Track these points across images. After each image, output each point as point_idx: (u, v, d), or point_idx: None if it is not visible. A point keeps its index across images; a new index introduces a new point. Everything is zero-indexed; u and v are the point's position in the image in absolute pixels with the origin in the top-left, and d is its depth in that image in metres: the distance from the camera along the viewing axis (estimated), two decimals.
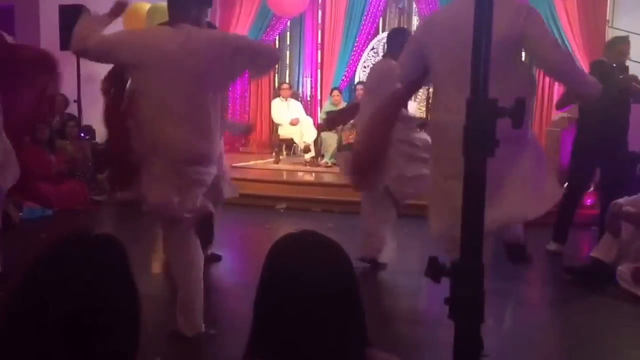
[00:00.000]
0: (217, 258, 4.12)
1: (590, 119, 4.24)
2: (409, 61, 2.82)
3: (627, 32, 5.44)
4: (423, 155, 3.55)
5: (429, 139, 3.07)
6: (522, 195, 2.48)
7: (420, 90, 8.02)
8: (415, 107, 7.67)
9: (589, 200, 5.56)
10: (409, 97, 3.78)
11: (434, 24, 2.72)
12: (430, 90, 7.95)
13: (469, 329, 1.12)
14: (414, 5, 8.32)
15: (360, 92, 7.54)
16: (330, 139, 7.54)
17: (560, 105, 4.54)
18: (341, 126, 7.55)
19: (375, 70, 4.19)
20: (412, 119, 4.13)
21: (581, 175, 4.41)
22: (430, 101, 5.31)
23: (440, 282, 1.15)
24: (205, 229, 3.54)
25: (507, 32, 2.34)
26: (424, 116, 6.74)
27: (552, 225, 4.43)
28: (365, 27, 8.28)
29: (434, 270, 1.16)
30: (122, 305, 1.05)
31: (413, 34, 4.32)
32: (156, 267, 4.35)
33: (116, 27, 7.69)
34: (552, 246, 4.42)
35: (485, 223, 1.09)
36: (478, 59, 1.04)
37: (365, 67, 8.27)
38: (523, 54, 2.84)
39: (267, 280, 1.12)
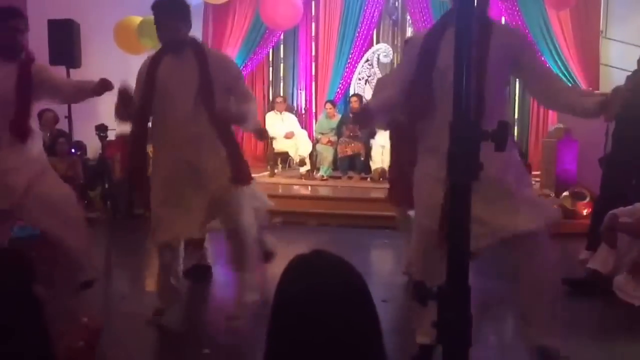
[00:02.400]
0: (205, 269, 4.10)
1: (626, 131, 4.20)
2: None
3: (621, 42, 5.50)
4: None
5: None
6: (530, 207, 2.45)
7: None
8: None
9: (585, 210, 5.56)
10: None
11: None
12: None
13: (457, 352, 1.10)
14: (408, 17, 8.36)
15: (355, 104, 7.58)
16: (326, 151, 7.54)
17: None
18: (336, 138, 7.57)
19: None
20: None
21: (616, 187, 4.35)
22: None
23: (427, 306, 1.14)
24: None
25: (503, 54, 2.37)
26: None
27: (586, 234, 4.48)
28: (359, 39, 8.30)
29: (421, 294, 1.15)
30: (21, 319, 1.02)
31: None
32: (150, 284, 4.31)
33: (108, 40, 7.68)
34: (584, 255, 4.41)
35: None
36: (460, 81, 1.03)
37: (359, 79, 8.29)
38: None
39: (281, 305, 1.08)
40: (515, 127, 7.99)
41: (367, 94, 8.20)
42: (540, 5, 7.09)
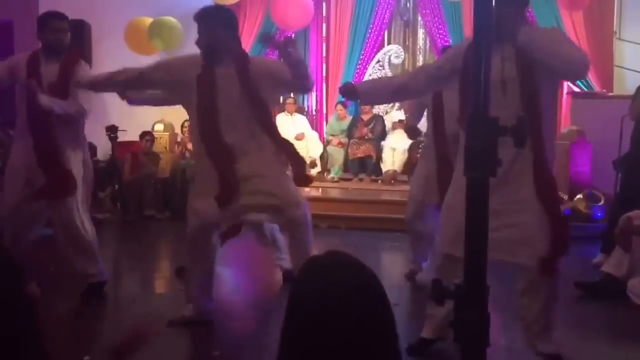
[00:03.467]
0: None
1: None
2: None
3: (635, 43, 5.44)
4: None
5: None
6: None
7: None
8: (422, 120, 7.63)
9: (599, 213, 5.49)
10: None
11: None
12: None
13: (474, 352, 1.08)
14: (419, 18, 8.33)
15: (366, 105, 7.54)
16: (337, 153, 7.52)
17: None
18: (347, 140, 7.54)
19: None
20: None
21: (635, 188, 4.28)
22: None
23: (444, 305, 1.12)
24: None
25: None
26: None
27: (600, 236, 4.42)
28: (370, 39, 8.28)
29: (438, 293, 1.13)
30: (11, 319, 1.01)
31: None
32: (159, 286, 4.31)
33: (119, 41, 7.73)
34: (599, 258, 4.35)
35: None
36: (478, 74, 1.01)
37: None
38: None
39: (296, 306, 1.06)
40: None
41: None
42: (553, 6, 7.02)
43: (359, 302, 1.03)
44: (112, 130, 6.04)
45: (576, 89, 7.23)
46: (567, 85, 7.35)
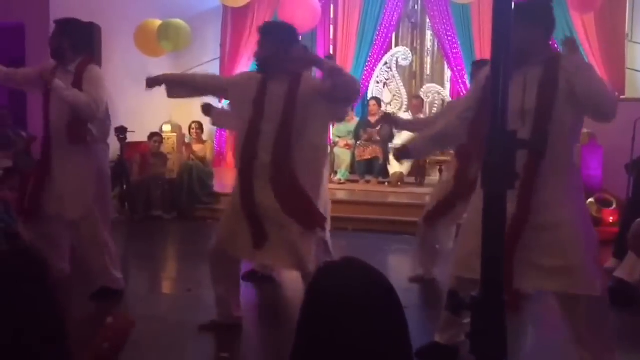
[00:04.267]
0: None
1: None
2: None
3: None
4: None
5: None
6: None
7: (436, 104, 8.01)
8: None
9: (611, 218, 5.45)
10: None
11: None
12: (446, 104, 7.91)
13: None
14: (427, 20, 8.31)
15: (374, 107, 7.54)
16: (344, 155, 7.51)
17: None
18: (354, 142, 7.53)
19: None
20: None
21: None
22: None
23: (460, 315, 1.12)
24: None
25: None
26: None
27: (612, 242, 4.35)
28: (378, 41, 8.27)
29: (454, 304, 1.12)
30: (41, 322, 1.02)
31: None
32: (166, 287, 4.33)
33: (129, 43, 7.79)
34: (611, 263, 4.33)
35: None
36: (496, 89, 1.00)
37: (378, 82, 8.25)
38: None
39: (310, 309, 1.08)
40: None
41: (385, 97, 8.17)
42: (564, 8, 6.94)
43: (372, 305, 1.04)
44: (121, 131, 6.06)
45: None
46: None
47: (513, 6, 1.03)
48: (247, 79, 3.04)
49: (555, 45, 4.92)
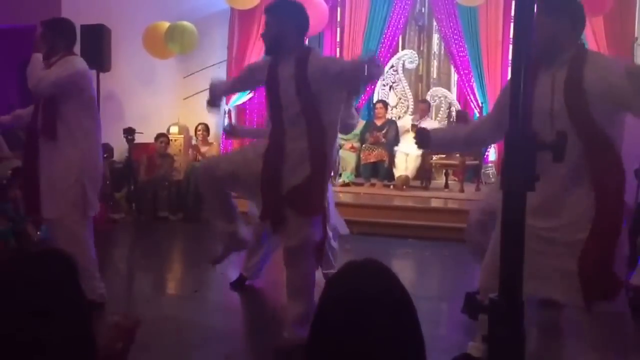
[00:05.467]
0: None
1: None
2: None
3: None
4: None
5: None
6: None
7: (442, 108, 8.00)
8: (436, 126, 7.61)
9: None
10: None
11: None
12: (452, 108, 7.89)
13: None
14: (434, 23, 8.31)
15: (380, 110, 7.53)
16: (349, 157, 7.50)
17: None
18: (359, 144, 7.53)
19: None
20: None
21: None
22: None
23: (477, 319, 1.12)
24: None
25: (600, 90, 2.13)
26: None
27: None
28: (384, 44, 8.25)
29: (471, 307, 1.12)
30: (68, 320, 1.04)
31: None
32: (172, 287, 4.33)
33: (137, 45, 7.81)
34: None
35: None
36: (517, 90, 1.00)
37: (384, 85, 8.25)
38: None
39: (325, 308, 1.10)
40: None
41: (392, 100, 8.16)
42: None
43: (388, 304, 1.06)
44: (129, 132, 6.09)
45: None
46: None
47: None
48: (262, 65, 2.97)
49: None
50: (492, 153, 7.57)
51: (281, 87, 2.79)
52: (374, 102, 7.95)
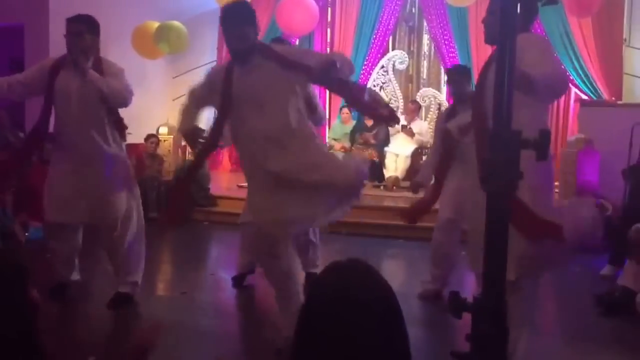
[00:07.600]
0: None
1: None
2: None
3: None
4: None
5: None
6: None
7: (432, 109, 8.02)
8: (426, 127, 7.63)
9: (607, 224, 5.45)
10: None
11: None
12: (442, 109, 7.92)
13: None
14: (425, 24, 8.33)
15: None
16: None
17: None
18: (350, 145, 7.53)
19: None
20: None
21: None
22: None
23: (461, 318, 1.12)
24: None
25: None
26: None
27: (608, 248, 4.31)
28: (375, 45, 8.28)
29: (455, 305, 1.12)
30: (10, 324, 1.04)
31: None
32: (161, 289, 4.29)
33: (126, 44, 7.74)
34: (608, 269, 4.29)
35: None
36: (501, 87, 1.00)
37: (374, 85, 8.25)
38: None
39: (310, 307, 1.10)
40: None
41: None
42: (561, 13, 6.96)
43: (373, 303, 1.05)
44: None
45: (584, 97, 7.19)
46: (574, 92, 7.33)
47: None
48: (217, 72, 2.97)
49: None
50: None
51: (250, 86, 2.80)
52: None
